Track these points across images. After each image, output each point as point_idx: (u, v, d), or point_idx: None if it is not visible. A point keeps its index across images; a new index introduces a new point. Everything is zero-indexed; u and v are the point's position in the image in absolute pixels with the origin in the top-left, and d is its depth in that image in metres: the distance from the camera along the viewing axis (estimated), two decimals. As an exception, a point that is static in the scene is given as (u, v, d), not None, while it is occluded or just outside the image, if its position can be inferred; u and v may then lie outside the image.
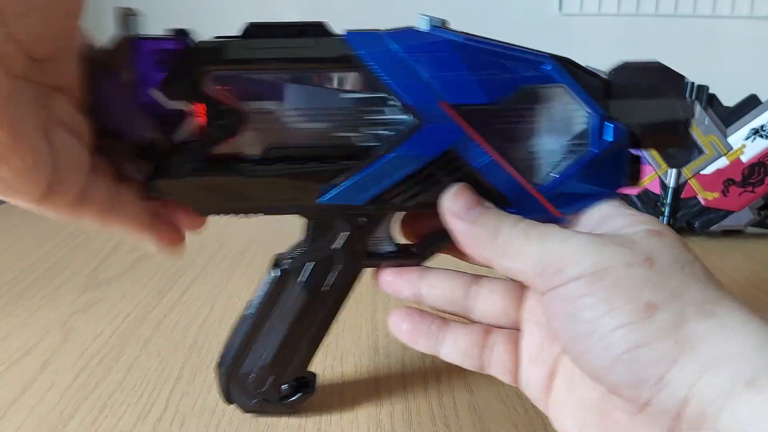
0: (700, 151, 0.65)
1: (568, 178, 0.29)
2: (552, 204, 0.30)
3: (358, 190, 0.30)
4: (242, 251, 0.64)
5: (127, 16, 0.27)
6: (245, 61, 0.28)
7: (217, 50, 0.28)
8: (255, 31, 0.28)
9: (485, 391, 0.39)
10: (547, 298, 0.26)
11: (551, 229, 0.27)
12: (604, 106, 0.29)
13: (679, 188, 0.66)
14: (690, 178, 0.66)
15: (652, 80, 0.29)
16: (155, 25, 0.29)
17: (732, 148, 0.64)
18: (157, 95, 0.28)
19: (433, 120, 0.28)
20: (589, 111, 0.29)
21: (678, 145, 0.30)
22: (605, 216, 0.29)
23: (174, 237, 0.32)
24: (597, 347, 0.24)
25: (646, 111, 0.29)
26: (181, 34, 0.28)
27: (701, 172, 0.65)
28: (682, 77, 0.29)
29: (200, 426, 0.36)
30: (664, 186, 0.67)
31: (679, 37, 1.12)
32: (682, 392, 0.22)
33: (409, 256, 0.33)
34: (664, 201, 0.66)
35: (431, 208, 0.30)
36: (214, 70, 0.28)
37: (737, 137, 0.64)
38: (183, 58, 0.28)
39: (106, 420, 0.36)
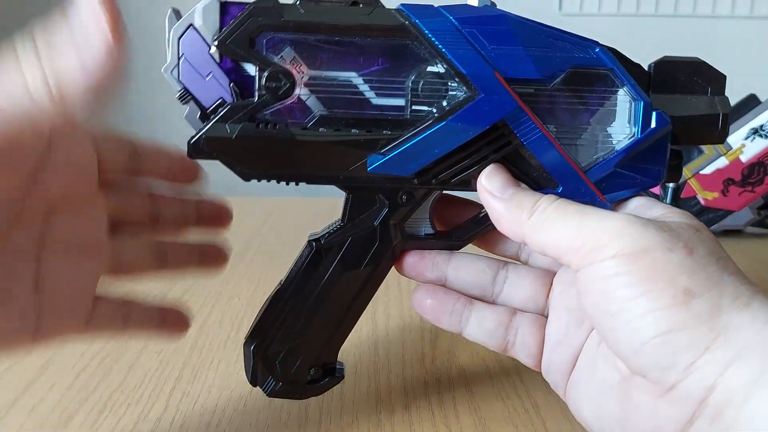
0: (700, 151, 0.65)
1: (612, 163, 0.30)
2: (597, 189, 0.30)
3: (408, 160, 0.30)
4: (242, 251, 0.64)
5: None
6: (299, 24, 0.28)
7: (271, 11, 0.28)
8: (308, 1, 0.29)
9: (485, 391, 0.39)
10: (581, 275, 0.26)
11: (588, 208, 0.28)
12: None
13: (678, 188, 0.66)
14: (690, 178, 0.66)
15: (692, 77, 0.30)
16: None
17: (731, 148, 0.64)
18: (214, 52, 0.29)
19: (487, 91, 0.29)
20: (635, 96, 0.29)
21: (714, 141, 0.31)
22: (640, 206, 0.30)
23: (176, 325, 0.34)
24: (628, 327, 0.24)
25: (684, 105, 0.30)
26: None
27: (701, 172, 0.65)
28: (723, 76, 0.30)
29: (200, 426, 0.36)
30: (663, 186, 0.67)
31: (679, 37, 1.12)
32: (711, 379, 0.23)
33: (447, 241, 0.33)
34: (664, 201, 0.66)
35: (472, 188, 0.30)
36: (267, 30, 0.28)
37: (737, 137, 0.64)
38: (239, 17, 0.28)
39: (106, 420, 0.36)
